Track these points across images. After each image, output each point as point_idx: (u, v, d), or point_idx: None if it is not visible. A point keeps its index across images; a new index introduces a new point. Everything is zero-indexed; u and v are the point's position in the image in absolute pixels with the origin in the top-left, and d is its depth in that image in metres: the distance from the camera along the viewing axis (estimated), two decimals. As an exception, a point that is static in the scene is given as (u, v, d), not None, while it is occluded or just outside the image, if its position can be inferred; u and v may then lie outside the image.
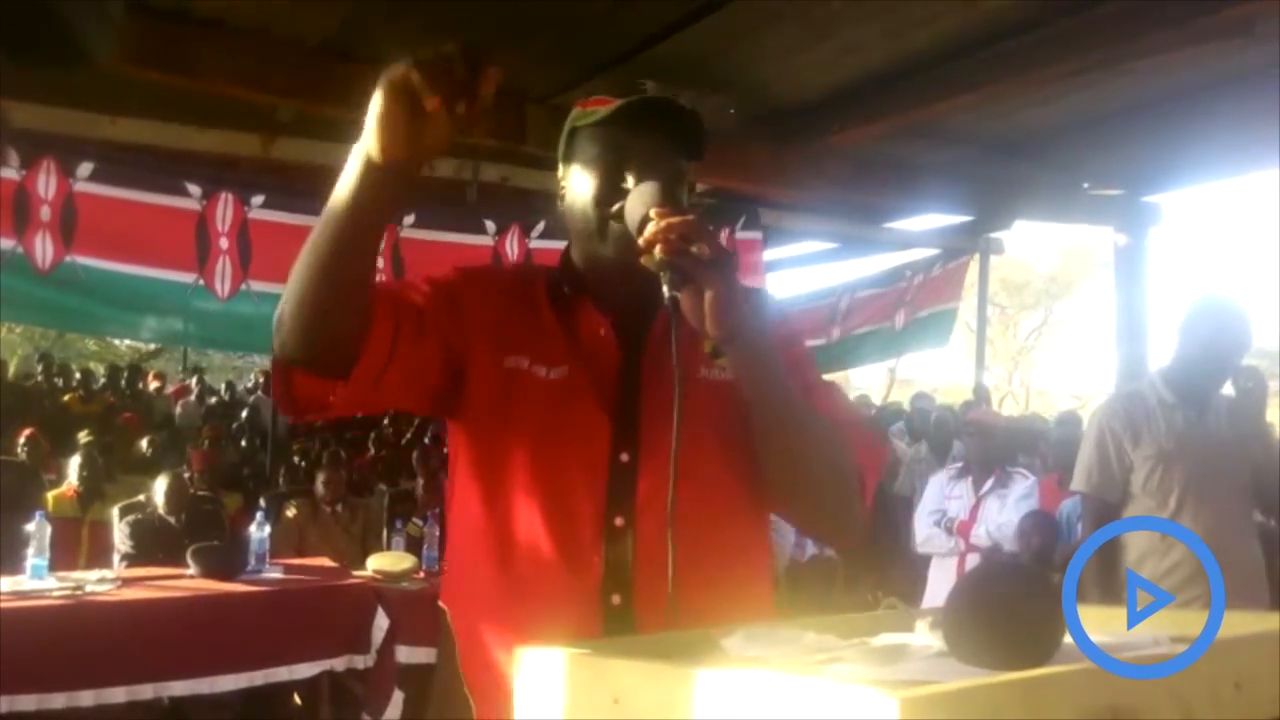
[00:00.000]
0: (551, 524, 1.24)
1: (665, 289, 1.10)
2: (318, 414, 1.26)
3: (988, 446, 4.64)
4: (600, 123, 1.28)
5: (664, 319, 1.25)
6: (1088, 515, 3.18)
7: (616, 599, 1.22)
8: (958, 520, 4.49)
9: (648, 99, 1.26)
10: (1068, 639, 0.82)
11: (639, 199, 1.17)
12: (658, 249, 1.10)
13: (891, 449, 7.48)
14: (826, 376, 1.39)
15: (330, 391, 1.22)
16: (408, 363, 1.24)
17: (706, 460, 1.23)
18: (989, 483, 4.55)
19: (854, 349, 6.95)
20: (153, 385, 11.67)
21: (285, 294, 1.18)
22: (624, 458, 1.25)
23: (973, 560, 4.39)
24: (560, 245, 1.42)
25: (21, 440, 6.12)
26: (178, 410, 10.14)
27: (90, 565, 4.73)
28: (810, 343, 6.58)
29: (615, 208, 1.24)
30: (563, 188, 1.36)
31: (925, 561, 4.84)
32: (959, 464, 4.90)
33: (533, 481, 1.26)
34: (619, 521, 1.23)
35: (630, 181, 1.24)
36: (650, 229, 1.11)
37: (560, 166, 1.37)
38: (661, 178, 1.20)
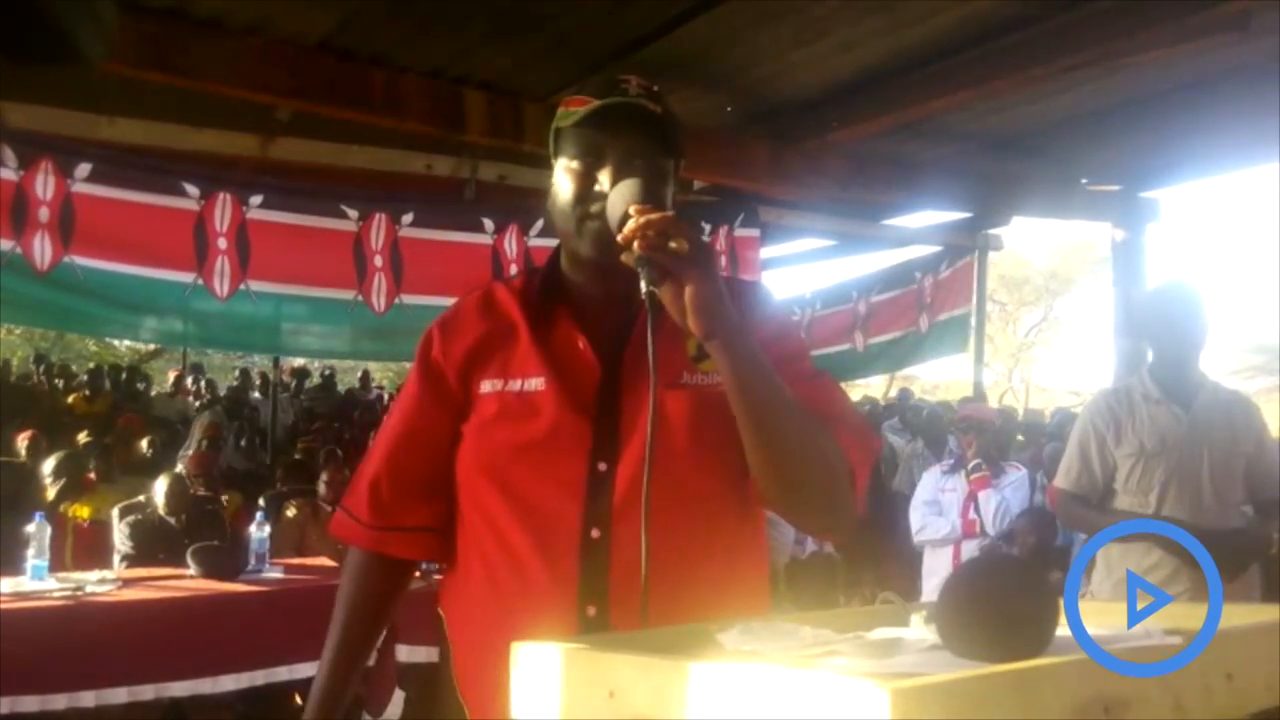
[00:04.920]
0: (532, 536, 1.25)
1: (643, 284, 1.09)
2: None
3: (983, 442, 4.68)
4: (578, 123, 1.26)
5: (645, 321, 1.22)
6: (1062, 510, 3.20)
7: (592, 610, 1.21)
8: (958, 504, 4.55)
9: (616, 104, 1.24)
10: (1062, 632, 0.82)
11: (618, 197, 1.17)
12: (636, 244, 1.09)
13: (889, 445, 7.49)
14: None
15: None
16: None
17: (685, 465, 1.22)
18: (983, 474, 4.61)
19: (880, 356, 6.90)
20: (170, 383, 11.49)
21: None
22: (601, 467, 1.24)
23: (968, 548, 4.46)
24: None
25: (24, 442, 6.12)
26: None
27: (76, 561, 4.71)
28: (834, 349, 6.57)
29: (592, 207, 1.24)
30: (552, 186, 1.36)
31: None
32: (951, 460, 4.95)
33: (514, 493, 1.27)
34: (595, 533, 1.22)
35: (605, 182, 1.23)
36: (629, 225, 1.10)
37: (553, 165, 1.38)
38: (639, 176, 1.18)
